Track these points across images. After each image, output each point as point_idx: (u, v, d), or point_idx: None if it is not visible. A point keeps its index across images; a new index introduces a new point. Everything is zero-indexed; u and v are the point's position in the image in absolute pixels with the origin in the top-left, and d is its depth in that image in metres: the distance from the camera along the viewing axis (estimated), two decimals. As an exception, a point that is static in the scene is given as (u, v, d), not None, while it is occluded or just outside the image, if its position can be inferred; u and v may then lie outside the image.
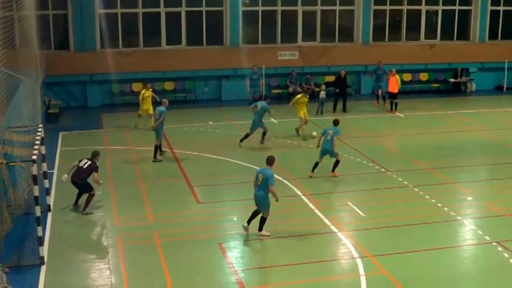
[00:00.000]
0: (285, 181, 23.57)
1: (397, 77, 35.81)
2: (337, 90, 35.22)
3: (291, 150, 28.31)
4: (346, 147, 28.07)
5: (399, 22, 41.29)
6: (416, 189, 23.09)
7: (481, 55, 42.37)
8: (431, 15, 42.05)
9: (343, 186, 23.17)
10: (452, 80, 41.79)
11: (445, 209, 21.29)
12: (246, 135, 28.19)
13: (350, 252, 17.87)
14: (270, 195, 18.50)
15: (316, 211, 20.77)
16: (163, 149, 27.08)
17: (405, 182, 23.80)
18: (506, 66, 42.48)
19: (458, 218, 20.74)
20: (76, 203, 20.77)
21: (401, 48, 40.76)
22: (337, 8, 39.91)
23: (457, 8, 42.20)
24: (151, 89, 31.07)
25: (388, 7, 40.68)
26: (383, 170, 25.19)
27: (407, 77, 40.27)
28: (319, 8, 39.50)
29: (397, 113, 35.21)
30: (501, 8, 43.13)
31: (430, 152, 28.33)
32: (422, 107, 36.59)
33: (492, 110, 37.40)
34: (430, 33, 42.09)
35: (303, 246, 18.23)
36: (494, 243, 18.75)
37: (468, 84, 42.08)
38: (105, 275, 16.33)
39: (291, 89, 37.89)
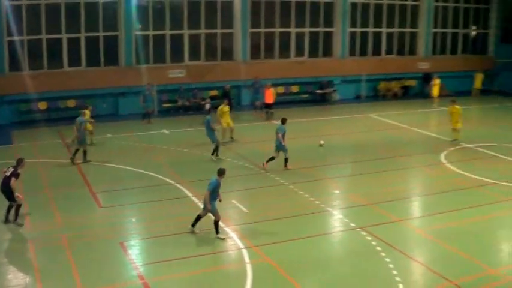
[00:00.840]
0: (177, 184, 23.55)
1: (272, 89, 36.30)
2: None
3: (181, 157, 28.22)
4: (230, 153, 28.27)
5: (272, 42, 41.79)
6: (291, 187, 23.46)
7: (343, 69, 43.40)
8: (299, 36, 42.71)
9: (228, 187, 23.15)
10: (319, 91, 42.57)
11: (317, 202, 21.75)
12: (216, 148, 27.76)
13: (236, 244, 18.03)
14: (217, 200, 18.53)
15: (206, 210, 20.86)
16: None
17: (282, 181, 24.14)
18: (363, 78, 43.70)
19: (328, 209, 21.21)
20: (6, 219, 19.53)
21: (275, 65, 41.30)
22: (219, 31, 40.11)
23: (321, 29, 43.06)
24: (89, 111, 29.78)
25: (263, 29, 41.14)
26: (262, 171, 25.48)
27: (281, 89, 40.80)
28: (203, 31, 39.59)
29: (273, 121, 35.58)
30: (358, 30, 44.34)
31: (303, 153, 28.74)
32: (295, 115, 37.01)
33: (353, 115, 38.32)
34: (299, 51, 42.80)
35: (195, 241, 18.29)
36: (358, 229, 19.31)
37: (332, 94, 42.97)
38: (20, 275, 15.95)
39: (180, 103, 37.88)
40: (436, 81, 42.71)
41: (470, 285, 15.97)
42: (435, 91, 42.44)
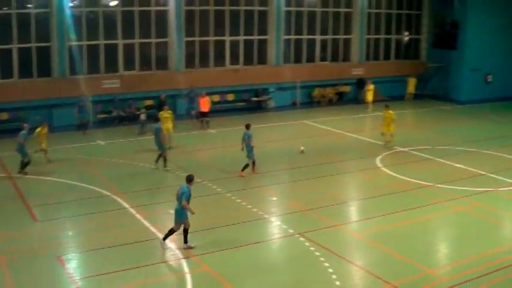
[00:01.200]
0: (114, 196, 23.29)
1: (208, 98, 36.32)
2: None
3: (117, 168, 27.94)
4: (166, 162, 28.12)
5: (207, 51, 41.77)
6: (228, 195, 23.51)
7: (278, 77, 43.63)
8: (234, 44, 42.81)
9: (164, 197, 23.10)
10: (254, 98, 42.73)
11: (254, 209, 21.84)
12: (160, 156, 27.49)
13: (176, 254, 17.99)
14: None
15: (143, 221, 20.71)
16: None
17: (219, 190, 24.15)
18: (298, 85, 44.07)
19: (266, 216, 21.34)
20: None
21: (210, 73, 41.28)
22: (153, 40, 39.88)
23: (255, 37, 43.26)
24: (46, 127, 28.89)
25: (197, 38, 41.07)
26: (199, 180, 25.28)
27: (216, 98, 40.79)
28: (137, 41, 39.29)
29: (209, 130, 35.63)
30: (292, 37, 44.69)
31: (238, 162, 28.58)
32: (230, 123, 37.13)
33: (289, 122, 38.55)
34: (234, 59, 42.90)
35: (134, 253, 18.11)
36: (297, 235, 19.50)
37: (268, 102, 43.18)
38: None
39: (115, 114, 37.51)
40: (370, 87, 43.32)
41: (409, 286, 16.32)
42: (369, 96, 43.04)
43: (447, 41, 49.62)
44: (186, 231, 18.45)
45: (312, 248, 18.50)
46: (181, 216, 18.34)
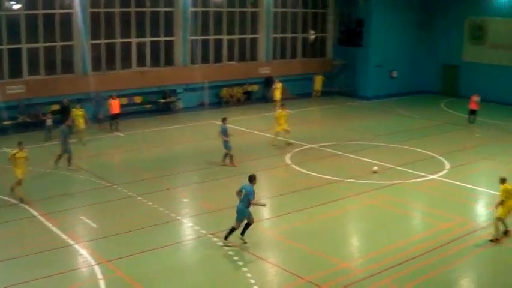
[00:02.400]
0: (22, 204, 22.67)
1: (118, 100, 35.96)
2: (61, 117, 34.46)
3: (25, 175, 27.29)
4: (74, 168, 27.64)
5: (114, 53, 41.23)
6: (140, 198, 23.30)
7: (185, 77, 43.48)
8: (141, 46, 42.42)
9: (75, 203, 22.79)
10: (162, 100, 42.47)
11: (166, 211, 21.76)
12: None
13: (87, 261, 17.70)
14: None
15: (54, 228, 20.23)
16: None
17: (130, 193, 23.89)
18: (206, 85, 44.06)
19: (178, 218, 21.33)
20: None
21: (117, 76, 40.75)
22: (58, 44, 38.98)
23: (162, 39, 42.99)
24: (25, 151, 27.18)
25: (103, 41, 40.48)
26: (109, 184, 25.11)
27: (124, 100, 40.27)
28: (41, 44, 38.33)
29: (118, 132, 35.21)
30: (199, 38, 44.58)
31: (149, 164, 28.60)
32: (139, 125, 36.84)
33: (198, 123, 38.49)
34: (141, 61, 42.50)
35: (43, 263, 17.66)
36: (210, 235, 19.56)
37: (176, 103, 43.00)
38: None
39: (20, 119, 36.55)
40: (278, 85, 43.74)
41: (324, 280, 16.60)
42: (277, 95, 43.45)
43: (352, 38, 50.75)
44: (248, 225, 18.96)
45: (225, 248, 18.59)
46: (242, 214, 18.81)
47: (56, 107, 37.23)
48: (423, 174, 27.00)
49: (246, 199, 18.72)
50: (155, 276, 16.85)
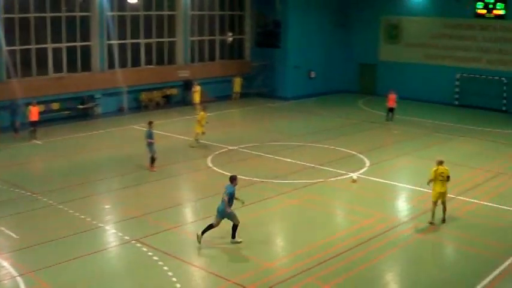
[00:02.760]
0: None
1: (38, 107, 35.33)
2: None
3: None
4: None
5: (29, 60, 40.39)
6: (60, 206, 22.94)
7: (103, 83, 42.94)
8: (57, 52, 41.69)
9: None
10: (80, 106, 41.87)
11: (88, 219, 21.51)
12: None
13: (10, 273, 17.31)
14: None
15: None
16: None
17: (50, 202, 23.50)
18: (124, 90, 43.68)
19: (100, 225, 21.10)
20: None
21: (33, 83, 39.93)
22: (-29, 51, 38.01)
23: (78, 44, 42.37)
24: None
25: (18, 47, 39.59)
26: (29, 193, 24.63)
27: (42, 107, 39.51)
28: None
29: (36, 141, 34.51)
30: (115, 42, 44.07)
31: (69, 171, 28.20)
32: (58, 133, 36.17)
33: (117, 128, 38.12)
34: (58, 67, 41.78)
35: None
36: (133, 242, 19.46)
37: (95, 108, 42.49)
38: None
39: None
40: (197, 88, 43.75)
41: (250, 281, 16.78)
42: (196, 98, 43.46)
43: (270, 40, 51.19)
44: (235, 227, 19.22)
45: (149, 253, 18.54)
46: (221, 214, 19.13)
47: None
48: (344, 172, 27.51)
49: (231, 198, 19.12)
50: (79, 285, 16.67)
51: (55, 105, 40.43)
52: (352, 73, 53.19)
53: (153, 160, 28.05)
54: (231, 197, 19.16)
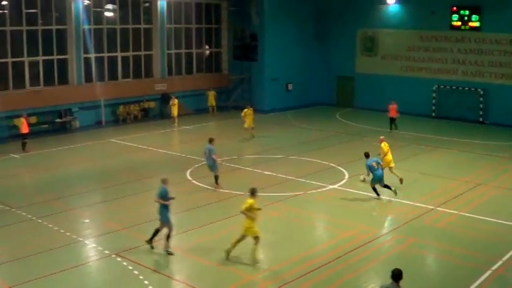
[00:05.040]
0: None
1: (24, 120, 35.11)
2: None
3: None
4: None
5: (6, 73, 40.06)
6: (40, 221, 22.73)
7: (81, 96, 42.78)
8: (34, 65, 41.42)
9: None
10: (58, 120, 41.66)
11: (68, 233, 21.32)
12: None
13: (-14, 288, 17.15)
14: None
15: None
16: None
17: (29, 216, 23.26)
18: (102, 103, 43.50)
19: (80, 239, 20.92)
20: None
21: (9, 96, 39.61)
22: None
23: (55, 57, 42.14)
24: None
25: (-7, 61, 39.39)
26: (7, 208, 24.37)
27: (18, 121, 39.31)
28: None
29: (14, 155, 34.18)
30: (93, 55, 43.93)
31: (47, 185, 28.01)
32: (35, 147, 35.78)
33: (95, 142, 37.89)
34: (35, 80, 41.48)
35: None
36: (113, 256, 19.30)
37: (72, 122, 42.27)
38: None
39: None
40: (174, 102, 43.68)
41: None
42: (174, 111, 43.39)
43: (247, 53, 51.30)
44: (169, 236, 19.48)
45: (130, 267, 18.39)
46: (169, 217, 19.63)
47: None
48: (323, 184, 27.52)
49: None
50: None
51: (32, 119, 40.08)
52: (330, 86, 53.38)
53: (216, 178, 27.37)
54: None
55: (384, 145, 27.45)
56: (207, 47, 52.76)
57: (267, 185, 27.42)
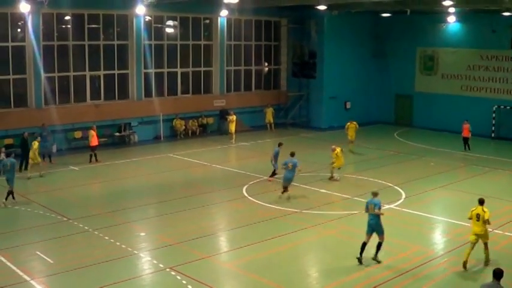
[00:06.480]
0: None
1: (93, 133, 36.06)
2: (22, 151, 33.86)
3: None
4: (28, 202, 27.17)
5: (67, 86, 40.84)
6: (96, 232, 22.98)
7: (140, 111, 43.35)
8: (94, 79, 42.15)
9: (30, 238, 22.36)
10: (117, 133, 42.24)
11: (123, 246, 21.47)
12: None
13: (43, 297, 17.36)
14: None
15: (8, 264, 19.79)
16: None
17: (86, 227, 23.54)
18: (161, 118, 43.95)
19: (135, 252, 21.02)
20: None
21: (71, 110, 40.35)
22: (11, 77, 38.44)
23: (116, 72, 42.81)
24: None
25: (56, 74, 40.10)
26: (65, 219, 24.73)
27: (78, 134, 39.93)
28: (-8, 78, 37.86)
29: (73, 167, 34.76)
30: (152, 71, 44.43)
31: (104, 198, 28.37)
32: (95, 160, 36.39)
33: (154, 156, 38.26)
34: (95, 94, 42.18)
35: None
36: (168, 269, 19.32)
37: (131, 136, 42.81)
38: None
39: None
40: (233, 118, 43.84)
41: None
42: (232, 127, 43.55)
43: (306, 70, 51.29)
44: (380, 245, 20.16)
45: (184, 282, 18.39)
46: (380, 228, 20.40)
47: (9, 140, 36.67)
48: (379, 204, 27.14)
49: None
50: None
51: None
52: (388, 104, 52.97)
53: (274, 173, 30.91)
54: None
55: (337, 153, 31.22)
56: (265, 64, 52.92)
57: (322, 203, 27.23)
